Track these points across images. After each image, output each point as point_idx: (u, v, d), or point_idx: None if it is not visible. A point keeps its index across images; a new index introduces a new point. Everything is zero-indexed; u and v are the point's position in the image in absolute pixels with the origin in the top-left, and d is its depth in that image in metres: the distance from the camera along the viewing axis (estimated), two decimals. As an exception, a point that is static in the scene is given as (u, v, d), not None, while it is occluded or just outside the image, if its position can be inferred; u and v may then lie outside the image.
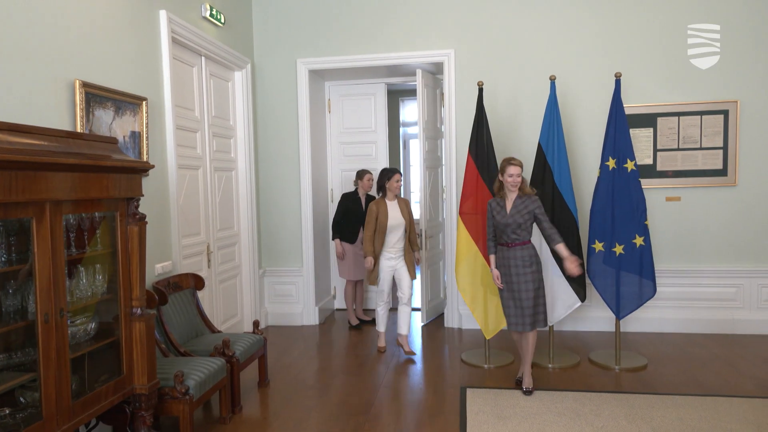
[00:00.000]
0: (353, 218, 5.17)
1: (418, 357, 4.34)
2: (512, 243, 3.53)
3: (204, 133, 4.38)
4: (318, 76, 5.49)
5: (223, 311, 4.64)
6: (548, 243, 3.62)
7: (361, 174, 5.21)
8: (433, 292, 5.50)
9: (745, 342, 4.48)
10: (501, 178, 3.58)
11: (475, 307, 4.13)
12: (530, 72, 4.85)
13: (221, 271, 4.64)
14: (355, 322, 5.24)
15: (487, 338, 4.12)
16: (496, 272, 3.64)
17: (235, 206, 4.94)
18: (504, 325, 4.12)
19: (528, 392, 3.52)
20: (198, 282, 3.78)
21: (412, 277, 4.35)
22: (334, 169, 5.85)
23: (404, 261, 4.35)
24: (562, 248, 3.52)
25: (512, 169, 3.50)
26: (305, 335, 5.04)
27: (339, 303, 5.92)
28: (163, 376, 2.80)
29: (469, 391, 3.59)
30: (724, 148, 4.69)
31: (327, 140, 5.83)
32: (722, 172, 4.70)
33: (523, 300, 3.51)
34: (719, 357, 4.15)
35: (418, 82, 5.11)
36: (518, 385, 3.67)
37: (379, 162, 5.78)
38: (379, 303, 4.43)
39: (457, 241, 4.21)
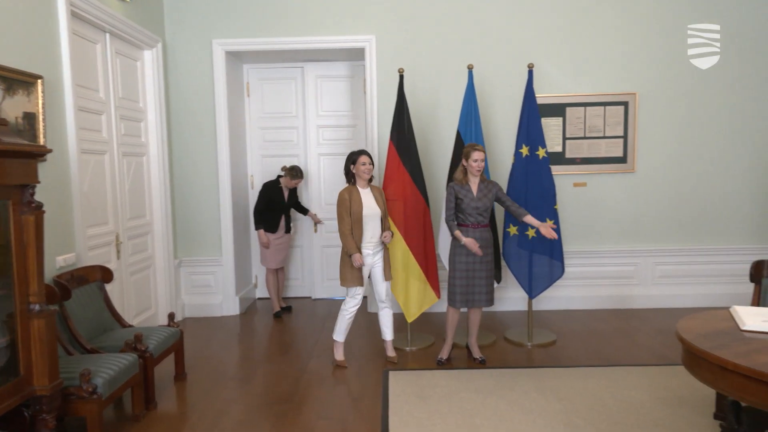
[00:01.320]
0: (275, 208, 5.07)
1: (351, 346, 4.35)
2: (477, 225, 3.72)
3: (110, 115, 4.10)
4: (235, 58, 5.29)
5: (135, 305, 4.41)
6: (518, 218, 3.75)
7: (294, 174, 5.04)
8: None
9: (642, 315, 4.90)
10: (465, 164, 3.70)
11: (396, 292, 4.20)
12: (449, 60, 4.96)
13: (133, 262, 4.39)
14: (278, 309, 5.18)
15: (409, 321, 4.22)
16: (470, 240, 3.62)
17: (147, 193, 4.68)
18: (426, 308, 4.25)
19: (483, 361, 3.82)
20: (106, 274, 3.56)
21: (388, 277, 3.89)
22: (254, 155, 5.70)
23: (381, 257, 3.87)
24: (531, 219, 3.71)
25: (477, 155, 3.64)
26: (225, 326, 4.90)
27: (261, 292, 5.81)
28: (69, 375, 2.62)
29: (391, 374, 3.67)
30: (625, 137, 5.05)
31: (246, 125, 5.65)
32: (622, 159, 5.07)
33: (481, 278, 3.74)
34: (619, 330, 4.50)
35: (303, 77, 5.40)
36: (439, 365, 3.81)
37: (300, 148, 5.70)
38: (348, 307, 3.82)
39: (379, 227, 4.24)
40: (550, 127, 5.02)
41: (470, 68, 4.30)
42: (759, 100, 5.00)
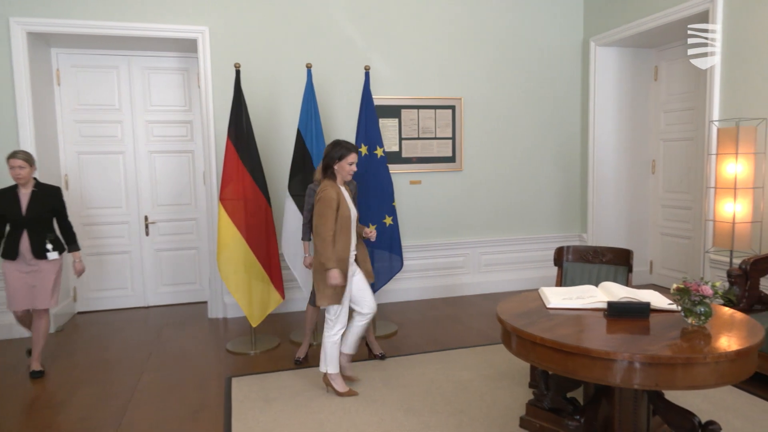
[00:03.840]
0: (8, 224, 3.57)
1: (179, 353, 4.07)
2: None
3: None
4: (41, 40, 4.63)
5: None
6: None
7: (10, 155, 3.53)
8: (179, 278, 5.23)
9: (470, 301, 5.38)
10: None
11: (239, 295, 4.05)
12: (288, 58, 4.92)
13: None
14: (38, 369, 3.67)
15: (254, 325, 4.10)
16: (308, 260, 3.76)
17: None
18: (271, 309, 4.16)
19: (383, 356, 3.80)
20: None
21: (371, 277, 3.36)
22: (69, 151, 5.04)
23: (357, 263, 3.33)
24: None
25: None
26: (37, 347, 4.27)
27: (82, 305, 5.18)
28: None
29: (234, 380, 3.53)
30: (453, 138, 5.49)
31: (57, 117, 4.98)
32: (452, 159, 5.51)
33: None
34: (451, 316, 4.89)
35: (128, 67, 5.06)
36: (297, 364, 3.78)
37: (127, 144, 5.19)
38: (336, 329, 3.21)
39: (218, 227, 4.05)
40: (387, 127, 5.26)
41: (309, 67, 4.31)
42: (559, 104, 5.79)
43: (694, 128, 5.21)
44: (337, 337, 3.24)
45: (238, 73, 4.10)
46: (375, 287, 4.37)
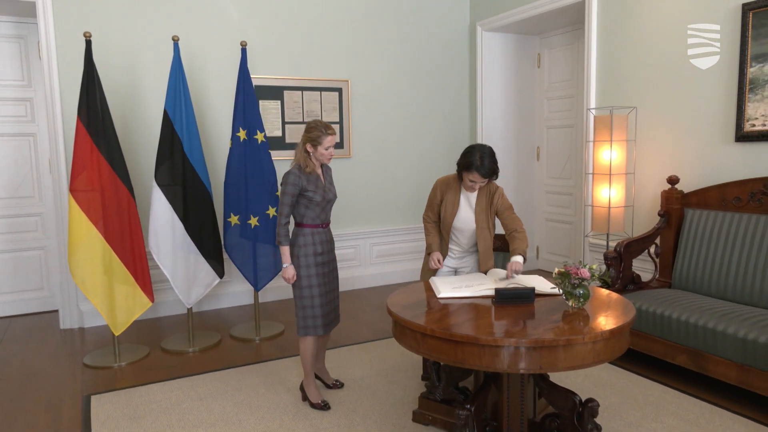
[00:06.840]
0: None
1: (23, 371, 3.67)
2: (327, 223, 3.18)
3: None
4: None
5: None
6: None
7: None
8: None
9: (362, 295, 5.45)
10: (310, 150, 3.01)
11: (98, 301, 3.74)
12: (151, 29, 4.60)
13: None
14: None
15: (117, 334, 3.82)
16: (292, 271, 3.05)
17: None
18: (138, 315, 3.89)
19: (341, 384, 3.37)
20: None
21: None
22: None
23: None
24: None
25: (331, 140, 2.99)
26: None
27: None
28: None
29: (94, 399, 3.26)
30: (340, 123, 5.49)
31: None
32: (340, 145, 5.50)
33: (335, 290, 3.25)
34: (342, 311, 4.86)
35: None
36: (327, 408, 3.08)
37: (-54, 125, 4.55)
38: None
39: (69, 224, 3.69)
40: (269, 110, 5.12)
41: (176, 40, 4.04)
42: (447, 88, 6.01)
43: (574, 115, 5.68)
44: None
45: (88, 43, 3.74)
46: (258, 285, 4.29)
